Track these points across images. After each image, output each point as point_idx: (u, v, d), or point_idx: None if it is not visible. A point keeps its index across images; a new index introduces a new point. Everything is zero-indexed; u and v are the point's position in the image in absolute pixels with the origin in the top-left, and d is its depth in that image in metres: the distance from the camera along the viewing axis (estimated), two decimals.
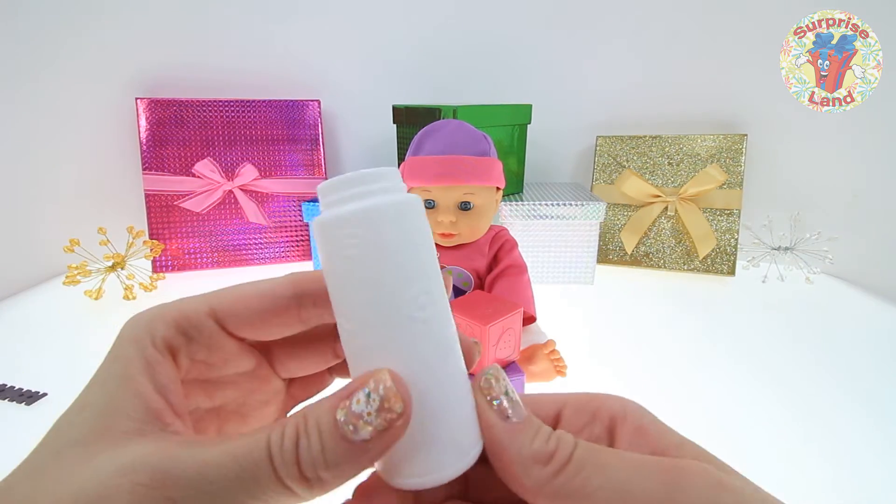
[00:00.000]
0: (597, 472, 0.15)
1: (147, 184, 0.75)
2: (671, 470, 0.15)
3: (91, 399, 0.16)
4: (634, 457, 0.15)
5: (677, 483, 0.14)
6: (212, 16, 0.79)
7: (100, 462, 0.14)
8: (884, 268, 0.77)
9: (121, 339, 0.17)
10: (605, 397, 0.18)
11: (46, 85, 0.74)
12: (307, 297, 0.18)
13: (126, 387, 0.16)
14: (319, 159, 0.82)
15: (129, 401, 0.16)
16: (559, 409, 0.18)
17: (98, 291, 0.67)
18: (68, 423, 0.16)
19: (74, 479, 0.14)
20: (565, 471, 0.15)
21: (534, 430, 0.16)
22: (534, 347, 0.44)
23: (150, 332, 0.17)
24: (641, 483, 0.14)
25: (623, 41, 0.80)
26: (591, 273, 0.74)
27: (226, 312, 0.18)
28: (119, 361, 0.16)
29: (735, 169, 0.76)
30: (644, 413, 0.18)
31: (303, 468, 0.14)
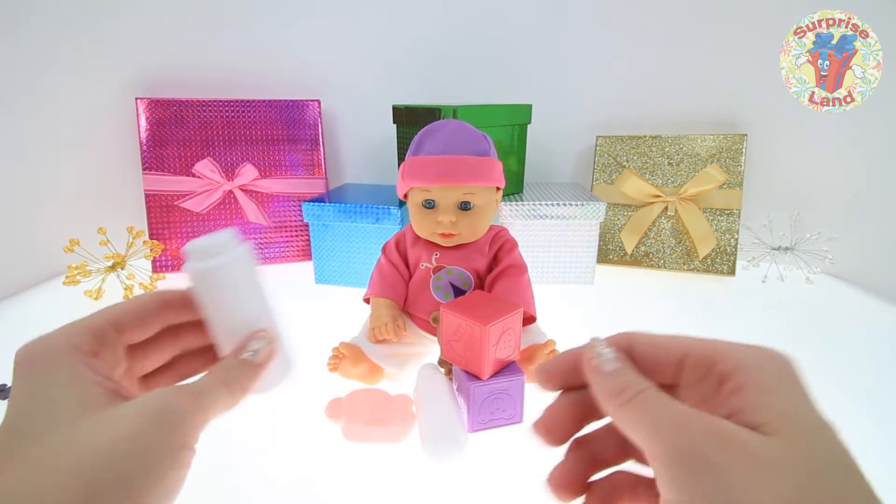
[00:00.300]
0: (647, 413, 0.19)
1: (147, 184, 0.75)
2: (696, 436, 0.17)
3: (55, 394, 0.21)
4: (683, 411, 0.19)
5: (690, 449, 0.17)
6: (212, 16, 0.79)
7: (117, 411, 0.21)
8: (884, 268, 0.77)
9: (42, 357, 0.22)
10: (726, 351, 0.20)
11: (46, 85, 0.74)
12: (174, 302, 0.26)
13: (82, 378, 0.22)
14: (319, 159, 0.82)
15: (93, 387, 0.22)
16: (682, 357, 0.21)
17: (98, 291, 0.67)
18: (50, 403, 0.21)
19: (101, 427, 0.20)
20: (626, 406, 0.20)
21: (613, 377, 0.21)
22: (534, 347, 0.44)
23: (72, 345, 0.23)
24: (670, 432, 0.18)
25: (623, 41, 0.80)
26: (591, 273, 0.74)
27: (118, 322, 0.25)
28: (61, 368, 0.22)
29: (735, 169, 0.76)
30: (755, 372, 0.19)
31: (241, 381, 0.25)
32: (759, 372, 0.19)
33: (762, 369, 0.19)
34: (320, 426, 0.42)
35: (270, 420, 0.44)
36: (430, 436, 0.36)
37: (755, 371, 0.19)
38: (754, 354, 0.19)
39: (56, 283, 0.71)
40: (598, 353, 0.22)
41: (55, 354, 0.23)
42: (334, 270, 0.74)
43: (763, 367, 0.19)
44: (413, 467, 0.39)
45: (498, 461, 0.39)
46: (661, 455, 0.18)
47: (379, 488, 0.37)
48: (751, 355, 0.19)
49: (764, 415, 0.18)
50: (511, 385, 0.40)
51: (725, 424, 0.18)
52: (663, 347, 0.22)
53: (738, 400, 0.18)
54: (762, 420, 0.17)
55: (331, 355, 0.45)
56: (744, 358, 0.19)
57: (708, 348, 0.20)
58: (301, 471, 0.39)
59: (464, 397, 0.40)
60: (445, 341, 0.41)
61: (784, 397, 0.18)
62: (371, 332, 0.46)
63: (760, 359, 0.19)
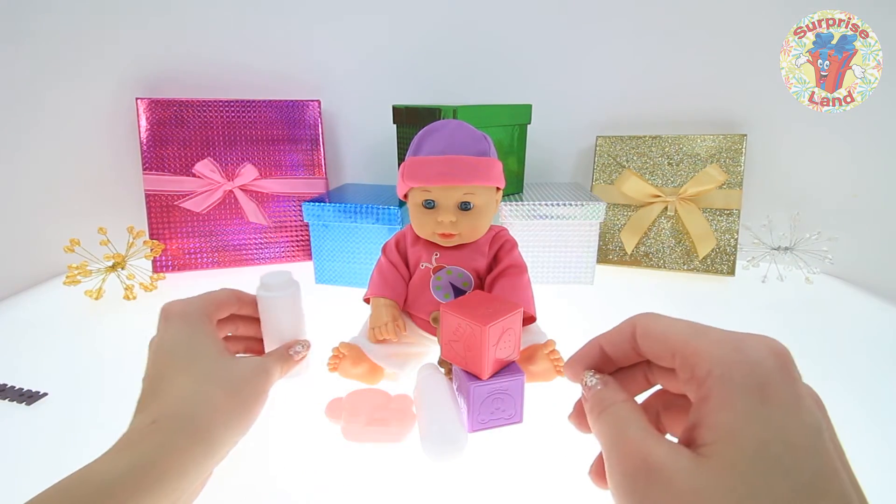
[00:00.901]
0: (608, 430, 0.22)
1: (147, 184, 0.75)
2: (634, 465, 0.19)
3: (202, 339, 0.36)
4: (632, 435, 0.20)
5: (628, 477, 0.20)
6: (212, 16, 0.79)
7: (239, 360, 0.36)
8: (884, 268, 0.77)
9: (191, 314, 0.36)
10: (706, 354, 0.20)
11: (47, 85, 0.74)
12: (243, 301, 0.41)
13: (213, 339, 0.36)
14: (319, 159, 0.82)
15: (219, 342, 0.36)
16: (672, 354, 0.21)
17: (98, 291, 0.67)
18: (194, 352, 0.35)
19: (224, 372, 0.34)
20: (598, 419, 0.23)
21: (593, 395, 0.24)
22: (534, 347, 0.44)
23: (206, 312, 0.37)
24: (618, 456, 0.20)
25: (623, 41, 0.80)
26: (590, 273, 0.74)
27: (218, 302, 0.39)
28: (203, 324, 0.36)
29: (735, 169, 0.76)
30: (719, 383, 0.18)
31: (286, 366, 0.39)
32: (723, 383, 0.18)
33: (727, 379, 0.18)
34: (320, 426, 0.42)
35: (271, 420, 0.44)
36: (430, 436, 0.36)
37: (720, 382, 0.18)
38: (728, 360, 0.19)
39: (56, 283, 0.71)
40: (586, 381, 0.25)
41: (199, 315, 0.36)
42: (334, 270, 0.74)
43: (729, 377, 0.18)
44: (413, 467, 0.39)
45: (498, 461, 0.39)
46: (610, 474, 0.20)
47: (379, 488, 0.37)
48: (724, 361, 0.19)
49: (712, 433, 0.18)
50: (511, 385, 0.40)
51: (660, 454, 0.18)
52: (658, 340, 0.22)
53: (702, 411, 0.19)
54: (708, 439, 0.18)
55: (331, 355, 0.45)
56: (716, 365, 0.19)
57: (692, 350, 0.20)
58: (301, 471, 0.39)
59: (464, 397, 0.40)
60: (445, 341, 0.41)
61: (736, 414, 0.18)
62: (371, 332, 0.46)
63: (731, 366, 0.19)
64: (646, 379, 0.25)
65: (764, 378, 0.18)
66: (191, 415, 0.31)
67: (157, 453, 0.28)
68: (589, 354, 0.26)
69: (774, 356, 0.19)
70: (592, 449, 0.40)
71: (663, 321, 0.23)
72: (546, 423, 0.43)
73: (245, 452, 0.41)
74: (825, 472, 0.16)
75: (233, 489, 0.37)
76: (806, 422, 0.17)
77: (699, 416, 0.18)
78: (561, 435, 0.42)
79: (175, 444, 0.29)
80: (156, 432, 0.29)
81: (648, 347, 0.23)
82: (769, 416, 0.17)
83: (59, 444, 0.41)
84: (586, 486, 0.37)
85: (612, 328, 0.25)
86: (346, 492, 0.37)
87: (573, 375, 0.27)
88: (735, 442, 0.17)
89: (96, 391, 0.48)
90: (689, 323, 0.22)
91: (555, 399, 0.46)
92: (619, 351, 0.25)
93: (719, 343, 0.20)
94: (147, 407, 0.32)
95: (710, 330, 0.21)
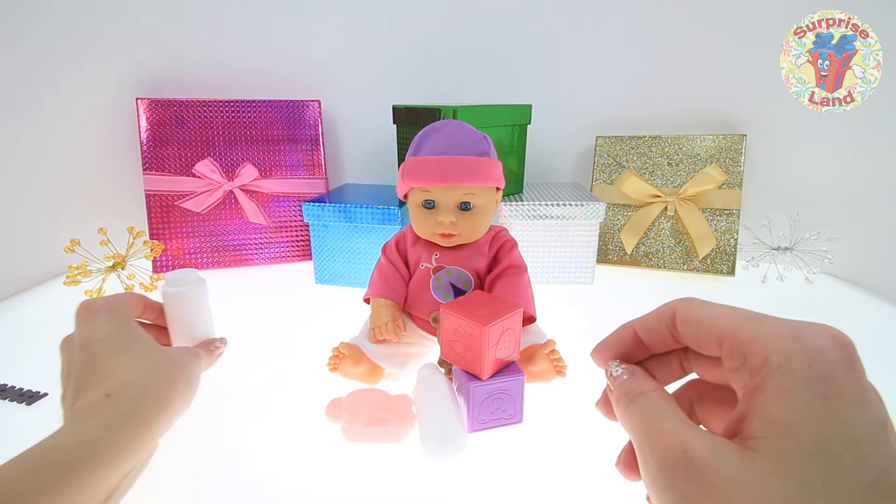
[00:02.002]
0: (638, 421, 0.21)
1: (147, 184, 0.75)
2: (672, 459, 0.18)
3: (136, 331, 0.38)
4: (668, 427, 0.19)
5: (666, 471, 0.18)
6: (212, 16, 0.79)
7: (173, 349, 0.42)
8: (883, 268, 0.77)
9: (116, 309, 0.38)
10: (762, 341, 0.18)
11: (47, 85, 0.74)
12: (149, 306, 0.43)
13: (143, 330, 0.39)
14: (319, 159, 0.82)
15: (149, 333, 0.39)
16: (719, 342, 0.20)
17: (99, 291, 0.67)
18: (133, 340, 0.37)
19: (169, 353, 0.38)
20: (626, 410, 0.22)
21: (620, 385, 0.23)
22: (534, 347, 0.44)
23: (129, 307, 0.40)
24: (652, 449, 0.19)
25: (623, 41, 0.81)
26: (590, 273, 0.74)
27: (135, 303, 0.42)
28: (131, 317, 0.39)
29: (734, 169, 0.76)
30: (777, 374, 0.17)
31: (210, 359, 0.43)
32: (782, 374, 0.17)
33: (786, 370, 0.17)
34: (320, 426, 0.42)
35: (270, 420, 0.44)
36: (430, 436, 0.36)
37: (778, 372, 0.17)
38: (787, 349, 0.17)
39: (56, 283, 0.71)
40: (611, 372, 0.24)
41: (124, 309, 0.39)
42: (334, 270, 0.74)
43: (788, 368, 0.17)
44: (413, 467, 0.39)
45: (498, 461, 0.39)
46: (645, 467, 0.19)
47: (379, 488, 0.37)
48: (782, 350, 0.17)
49: (766, 427, 0.17)
50: (511, 385, 0.40)
51: (700, 447, 0.17)
52: (703, 327, 0.21)
53: (754, 402, 0.17)
54: (761, 432, 0.17)
55: (331, 355, 0.45)
56: (774, 354, 0.17)
57: (745, 337, 0.19)
58: (301, 471, 0.39)
59: (464, 397, 0.40)
60: (445, 341, 0.41)
61: (795, 407, 0.16)
62: (371, 333, 0.46)
63: (790, 355, 0.17)
64: (681, 367, 0.24)
65: (827, 370, 0.17)
66: (147, 384, 0.33)
67: (123, 421, 0.29)
68: (620, 340, 0.24)
69: (838, 346, 0.17)
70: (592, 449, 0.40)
71: (708, 307, 0.21)
72: (546, 423, 0.43)
73: (245, 452, 0.41)
74: (891, 471, 0.15)
75: (233, 489, 0.37)
76: (871, 418, 0.16)
77: (750, 408, 0.17)
78: (561, 435, 0.43)
79: (137, 412, 0.31)
80: (115, 403, 0.30)
81: (690, 334, 0.21)
82: (832, 411, 0.16)
83: None
84: (586, 486, 0.38)
85: (648, 313, 0.23)
86: (346, 492, 0.37)
87: (601, 361, 0.25)
88: (792, 437, 0.16)
89: None
90: (735, 308, 0.20)
91: (555, 399, 0.46)
92: (655, 337, 0.23)
93: (776, 331, 0.18)
94: (87, 390, 0.32)
95: (761, 316, 0.20)
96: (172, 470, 0.38)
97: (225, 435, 0.43)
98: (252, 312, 0.66)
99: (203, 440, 0.42)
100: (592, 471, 0.39)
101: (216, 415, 0.45)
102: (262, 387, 0.49)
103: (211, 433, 0.43)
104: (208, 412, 0.45)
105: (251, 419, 0.44)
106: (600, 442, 0.42)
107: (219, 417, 0.44)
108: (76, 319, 0.38)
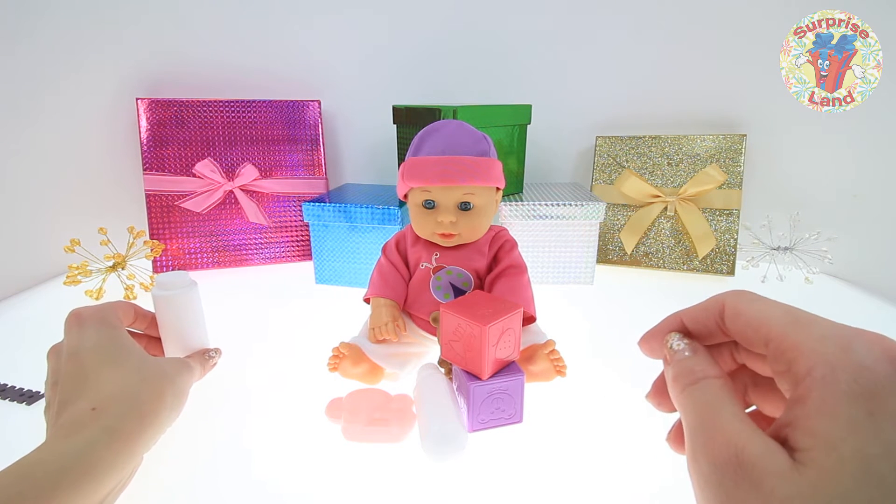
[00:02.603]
0: (696, 409, 0.20)
1: (147, 184, 0.75)
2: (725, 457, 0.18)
3: (126, 341, 0.37)
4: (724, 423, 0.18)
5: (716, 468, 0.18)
6: (212, 16, 0.79)
7: (165, 360, 0.39)
8: (883, 268, 0.77)
9: (107, 318, 0.37)
10: (808, 349, 0.18)
11: (47, 85, 0.74)
12: (140, 315, 0.43)
13: (133, 340, 0.38)
14: (319, 159, 0.82)
15: (138, 342, 0.39)
16: (765, 342, 0.19)
17: (99, 291, 0.67)
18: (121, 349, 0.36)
19: (158, 365, 0.36)
20: (684, 392, 0.21)
21: (680, 363, 0.22)
22: (534, 347, 0.44)
23: (119, 316, 0.39)
24: (706, 443, 0.19)
25: (623, 41, 0.81)
26: (590, 273, 0.74)
27: (126, 312, 0.41)
28: (121, 326, 0.38)
29: (734, 169, 0.76)
30: (821, 385, 0.16)
31: (205, 369, 0.44)
32: (825, 386, 0.16)
33: (829, 382, 0.16)
34: (320, 426, 0.42)
35: (271, 420, 0.44)
36: (430, 436, 0.36)
37: (821, 384, 0.16)
38: (832, 361, 0.17)
39: (56, 283, 0.71)
40: (671, 344, 0.23)
41: (114, 319, 0.38)
42: (334, 270, 0.74)
43: (832, 380, 0.16)
44: (413, 467, 0.39)
45: (498, 461, 0.39)
46: (695, 459, 0.18)
47: (379, 488, 0.37)
48: (828, 361, 0.17)
49: (808, 439, 0.16)
50: (511, 385, 0.40)
51: (755, 451, 0.16)
52: (751, 325, 0.20)
53: (797, 412, 0.17)
54: (806, 445, 0.16)
55: (331, 355, 0.45)
56: (819, 364, 0.17)
57: (791, 343, 0.18)
58: (301, 471, 0.39)
59: (464, 397, 0.40)
60: (445, 341, 0.41)
61: (838, 423, 0.16)
62: (371, 333, 0.46)
63: (836, 367, 0.16)
64: (732, 358, 0.23)
65: (874, 385, 0.16)
66: (134, 397, 0.32)
67: (108, 437, 0.29)
68: (669, 329, 0.24)
69: (889, 361, 0.16)
70: (592, 449, 0.41)
71: (758, 304, 0.20)
72: (546, 423, 0.43)
73: (245, 452, 0.41)
74: None
75: (233, 489, 0.37)
76: None
77: (794, 417, 0.17)
78: (561, 435, 0.43)
79: (123, 427, 0.30)
80: (100, 417, 0.30)
81: (738, 330, 0.21)
82: (877, 429, 0.15)
83: None
84: (586, 486, 0.38)
85: (697, 304, 0.23)
86: (346, 492, 0.37)
87: (649, 350, 0.25)
88: (835, 453, 0.15)
89: None
90: (787, 309, 0.20)
91: (555, 399, 0.46)
92: (703, 329, 0.22)
93: (824, 339, 0.18)
94: (73, 402, 0.31)
95: (812, 320, 0.19)
96: (173, 470, 0.38)
97: (225, 435, 0.43)
98: (252, 312, 0.66)
99: (203, 440, 0.42)
100: (592, 471, 0.39)
101: (216, 415, 0.45)
102: (262, 387, 0.49)
103: (211, 433, 0.43)
104: (208, 412, 0.45)
105: (251, 419, 0.44)
106: (600, 442, 0.42)
107: (219, 417, 0.44)
108: (65, 328, 0.37)
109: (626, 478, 0.38)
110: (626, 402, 0.46)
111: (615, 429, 0.43)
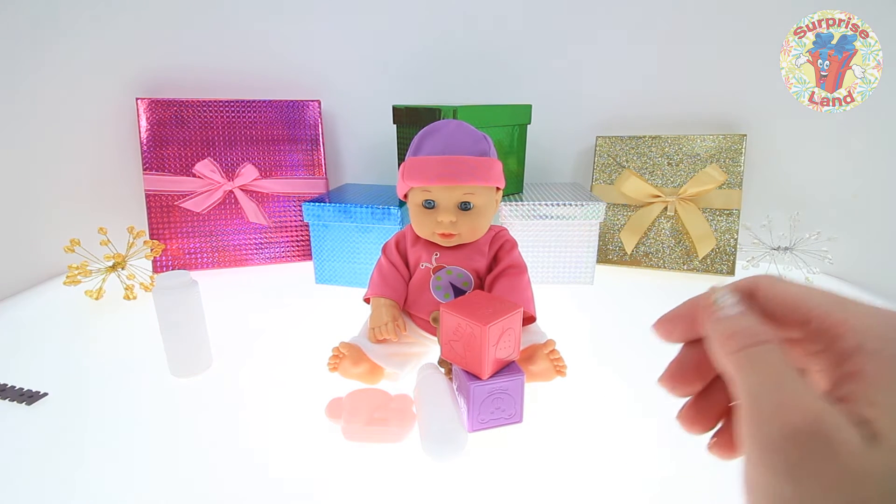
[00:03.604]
0: (754, 371, 0.18)
1: (147, 184, 0.75)
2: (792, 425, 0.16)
3: None
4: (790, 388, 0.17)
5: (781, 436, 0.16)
6: (212, 16, 0.79)
7: None
8: (883, 268, 0.77)
9: None
10: (852, 325, 0.17)
11: (47, 85, 0.74)
12: None
13: None
14: (319, 159, 0.82)
15: None
16: (804, 321, 0.19)
17: (98, 291, 0.67)
18: None
19: None
20: (737, 354, 0.19)
21: (730, 320, 0.20)
22: (534, 347, 0.44)
23: None
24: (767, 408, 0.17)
25: (623, 41, 0.80)
26: (590, 273, 0.74)
27: None
28: None
29: (734, 169, 0.76)
30: (875, 359, 0.16)
31: None
32: (880, 359, 0.16)
33: (884, 356, 0.16)
34: (320, 426, 0.42)
35: (271, 420, 0.44)
36: (430, 436, 0.36)
37: (876, 358, 0.16)
38: (881, 335, 0.17)
39: (56, 283, 0.71)
40: (717, 298, 0.21)
41: None
42: (334, 270, 0.74)
43: (886, 354, 0.16)
44: (413, 467, 0.39)
45: (498, 461, 0.39)
46: (758, 426, 0.17)
47: (379, 488, 0.37)
48: (878, 334, 0.17)
49: (874, 410, 0.16)
50: (511, 385, 0.40)
51: (832, 422, 0.16)
52: (789, 306, 0.20)
53: (853, 387, 0.16)
54: (872, 415, 0.16)
55: (331, 355, 0.45)
56: (868, 339, 0.17)
57: (835, 321, 0.18)
58: (301, 471, 0.39)
59: (464, 397, 0.40)
60: (445, 341, 0.41)
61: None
62: (371, 332, 0.46)
63: (886, 342, 0.16)
64: None
65: None
66: None
67: None
68: (687, 313, 0.23)
69: None
70: (592, 449, 0.40)
71: (793, 286, 0.20)
72: (546, 423, 0.43)
73: (245, 452, 0.41)
74: None
75: (233, 489, 0.37)
76: None
77: (848, 392, 0.16)
78: (561, 435, 0.43)
79: None
80: None
81: (773, 310, 0.20)
82: None
83: (59, 444, 0.41)
84: (586, 486, 0.38)
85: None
86: (346, 492, 0.37)
87: (664, 334, 0.24)
88: None
89: (96, 391, 0.48)
90: (822, 290, 0.20)
91: (555, 399, 0.46)
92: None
93: (870, 315, 0.18)
94: None
95: (855, 301, 0.19)
96: (173, 470, 0.38)
97: (225, 435, 0.43)
98: (252, 312, 0.66)
99: (203, 440, 0.42)
100: (592, 470, 0.39)
101: (216, 415, 0.45)
102: (263, 387, 0.49)
103: (211, 433, 0.43)
104: (208, 412, 0.45)
105: (251, 419, 0.44)
106: (600, 442, 0.42)
107: (219, 417, 0.44)
108: None
109: (626, 478, 0.38)
110: (625, 401, 0.46)
111: (615, 428, 0.43)
